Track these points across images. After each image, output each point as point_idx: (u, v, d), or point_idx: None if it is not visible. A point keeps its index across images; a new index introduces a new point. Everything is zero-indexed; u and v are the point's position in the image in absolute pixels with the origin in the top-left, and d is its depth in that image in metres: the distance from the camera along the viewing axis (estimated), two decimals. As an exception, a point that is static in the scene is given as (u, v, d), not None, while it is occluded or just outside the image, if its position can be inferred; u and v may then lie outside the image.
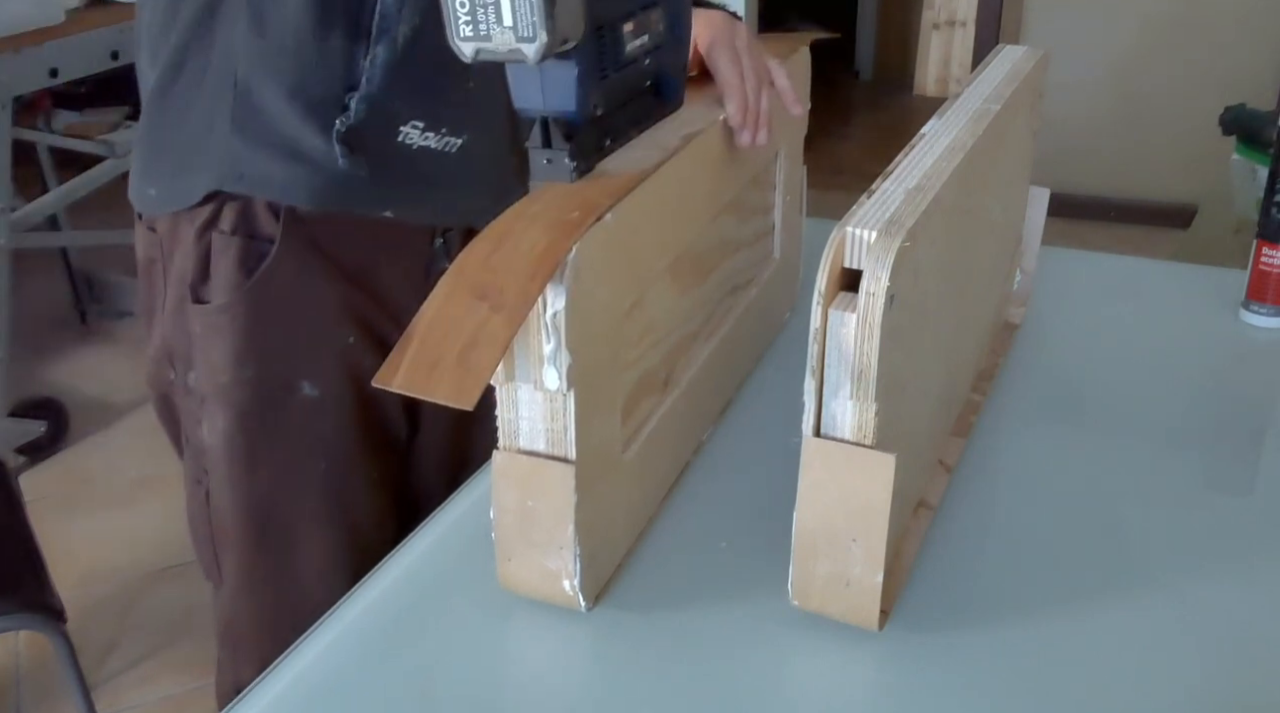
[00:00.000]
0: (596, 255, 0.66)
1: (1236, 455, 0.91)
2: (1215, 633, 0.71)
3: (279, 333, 0.93)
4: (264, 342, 0.92)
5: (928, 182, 0.70)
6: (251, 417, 0.94)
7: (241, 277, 0.90)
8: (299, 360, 0.94)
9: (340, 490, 0.98)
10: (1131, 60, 3.53)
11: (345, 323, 0.95)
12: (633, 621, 0.73)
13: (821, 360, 0.65)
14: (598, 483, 0.71)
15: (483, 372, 0.59)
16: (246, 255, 0.90)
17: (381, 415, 1.00)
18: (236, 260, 0.90)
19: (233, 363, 0.92)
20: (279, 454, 0.96)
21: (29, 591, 1.40)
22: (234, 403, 0.93)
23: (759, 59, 0.88)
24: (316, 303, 0.93)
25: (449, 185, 0.95)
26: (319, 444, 0.96)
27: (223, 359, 0.92)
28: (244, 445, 0.94)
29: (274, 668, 0.70)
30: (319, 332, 0.94)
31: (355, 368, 0.95)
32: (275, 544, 0.97)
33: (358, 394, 0.96)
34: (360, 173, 0.88)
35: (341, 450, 0.97)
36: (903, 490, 0.70)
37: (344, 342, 0.95)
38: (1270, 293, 1.07)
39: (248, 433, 0.94)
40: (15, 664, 1.89)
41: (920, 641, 0.70)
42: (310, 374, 0.94)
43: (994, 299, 1.00)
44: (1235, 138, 2.25)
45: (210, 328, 0.92)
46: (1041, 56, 1.00)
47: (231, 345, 0.92)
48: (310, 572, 0.98)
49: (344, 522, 0.98)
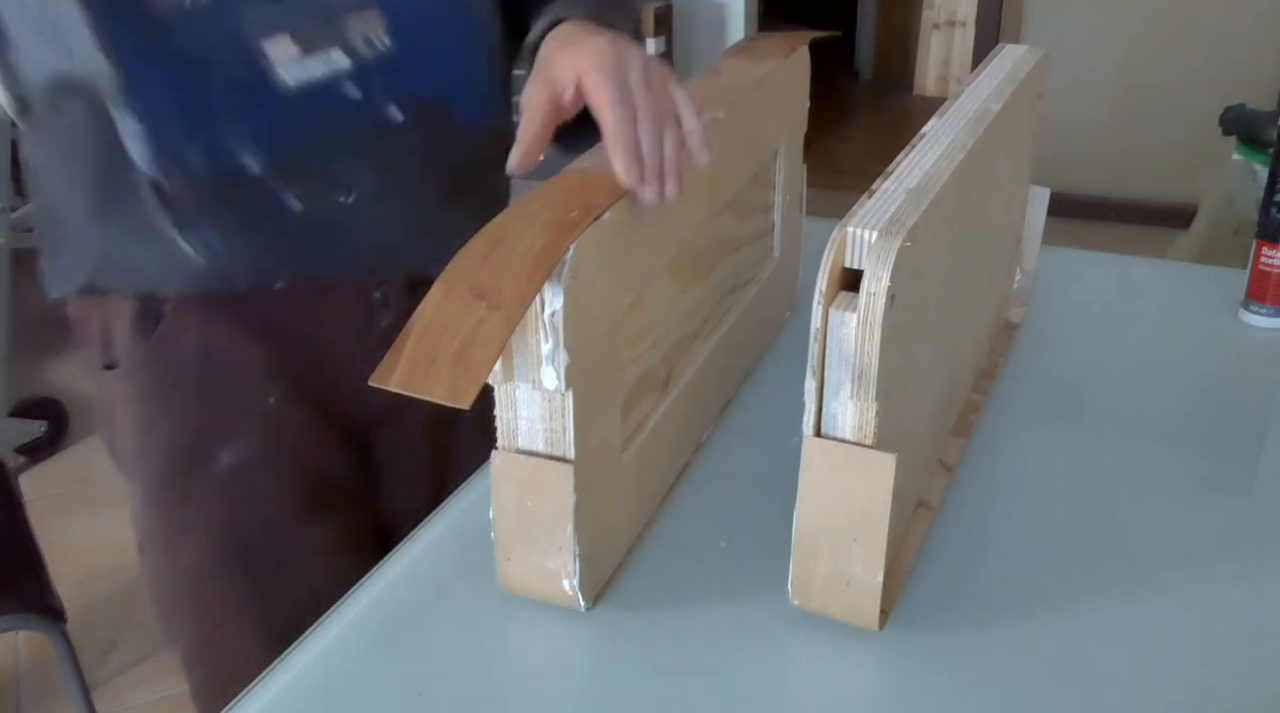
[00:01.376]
0: (595, 254, 0.65)
1: (1236, 455, 0.91)
2: (1215, 633, 0.71)
3: (185, 398, 0.85)
4: (169, 409, 0.85)
5: (928, 181, 0.70)
6: (166, 488, 0.87)
7: (138, 342, 0.84)
8: (213, 426, 0.86)
9: (281, 558, 0.90)
10: (1131, 60, 3.53)
11: (267, 383, 0.87)
12: (633, 621, 0.73)
13: (822, 360, 0.64)
14: (597, 483, 0.71)
15: (480, 371, 0.59)
16: (142, 317, 0.83)
17: (327, 468, 0.92)
18: (132, 325, 0.83)
19: (138, 432, 0.85)
20: (202, 526, 0.88)
21: (29, 591, 1.40)
22: (146, 475, 0.86)
23: (659, 95, 0.70)
24: (228, 365, 0.85)
25: (352, 240, 0.85)
26: (249, 513, 0.88)
27: (130, 428, 0.86)
28: (162, 519, 0.88)
29: (274, 668, 0.70)
30: (234, 395, 0.86)
31: (285, 429, 0.87)
32: (214, 622, 0.91)
33: (292, 454, 0.88)
34: (216, 249, 0.80)
35: (278, 515, 0.89)
36: (903, 490, 0.70)
37: (265, 403, 0.87)
38: (1270, 293, 1.07)
39: (164, 505, 0.87)
40: (15, 664, 1.89)
41: (920, 641, 0.70)
42: (228, 440, 0.86)
43: (994, 299, 1.00)
44: (1235, 138, 2.25)
45: (116, 395, 0.86)
46: (1042, 56, 1.00)
47: (136, 414, 0.85)
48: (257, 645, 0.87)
49: (288, 592, 0.88)
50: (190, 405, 0.86)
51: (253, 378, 0.86)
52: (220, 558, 0.88)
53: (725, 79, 0.90)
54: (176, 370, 0.84)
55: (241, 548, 0.89)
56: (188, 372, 0.85)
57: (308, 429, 0.89)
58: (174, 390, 0.85)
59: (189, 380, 0.85)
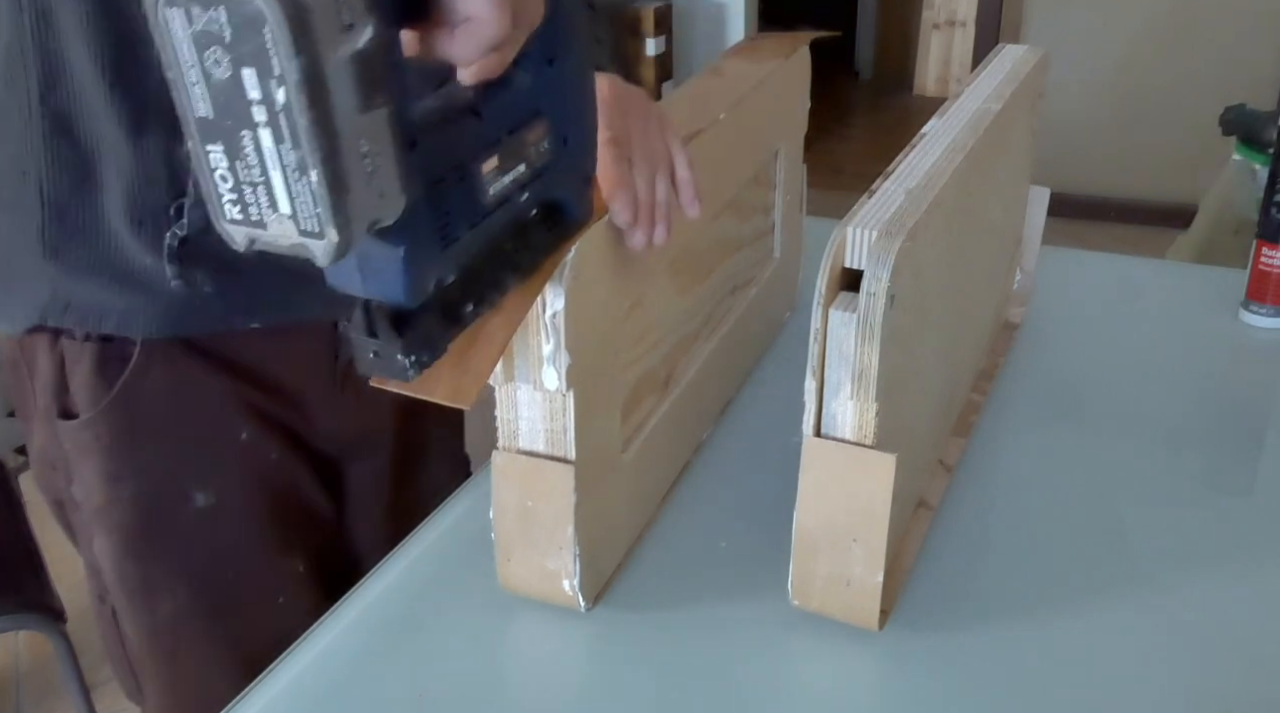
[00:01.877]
0: (596, 255, 0.65)
1: (1236, 455, 0.91)
2: (1215, 633, 0.71)
3: (156, 443, 0.81)
4: (139, 456, 0.81)
5: (928, 181, 0.70)
6: (138, 538, 0.82)
7: (102, 388, 0.78)
8: (185, 470, 0.82)
9: (259, 595, 0.87)
10: (1131, 60, 3.53)
11: (237, 420, 0.83)
12: (633, 621, 0.73)
13: (822, 361, 0.64)
14: (597, 483, 0.71)
15: (481, 372, 0.59)
16: (104, 363, 0.78)
17: (299, 503, 0.89)
18: (94, 369, 0.78)
19: (107, 483, 0.81)
20: (178, 574, 0.84)
21: (29, 591, 1.40)
22: (116, 526, 0.82)
23: (655, 139, 0.70)
24: (198, 405, 0.81)
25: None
26: (225, 554, 0.85)
27: (96, 479, 0.81)
28: (136, 571, 0.83)
29: (273, 668, 0.70)
30: (205, 435, 0.82)
31: (257, 464, 0.84)
32: (192, 668, 0.87)
33: (264, 490, 0.86)
34: (206, 289, 0.75)
35: (254, 553, 0.86)
36: (903, 491, 0.70)
37: (236, 439, 0.83)
38: (1270, 293, 1.07)
39: (137, 556, 0.83)
40: (15, 664, 1.89)
41: (920, 641, 0.70)
42: (201, 482, 0.83)
43: (994, 299, 1.00)
44: (1235, 138, 2.25)
45: (78, 446, 0.80)
46: (1042, 56, 1.00)
47: (102, 465, 0.80)
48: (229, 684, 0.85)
49: (259, 628, 0.85)
50: (162, 450, 0.81)
51: (223, 416, 0.82)
52: (196, 602, 0.85)
53: (725, 79, 0.90)
54: (145, 416, 0.80)
55: (217, 589, 0.86)
56: (157, 416, 0.80)
57: (279, 465, 0.87)
58: (143, 437, 0.80)
59: (159, 426, 0.81)
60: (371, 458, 0.94)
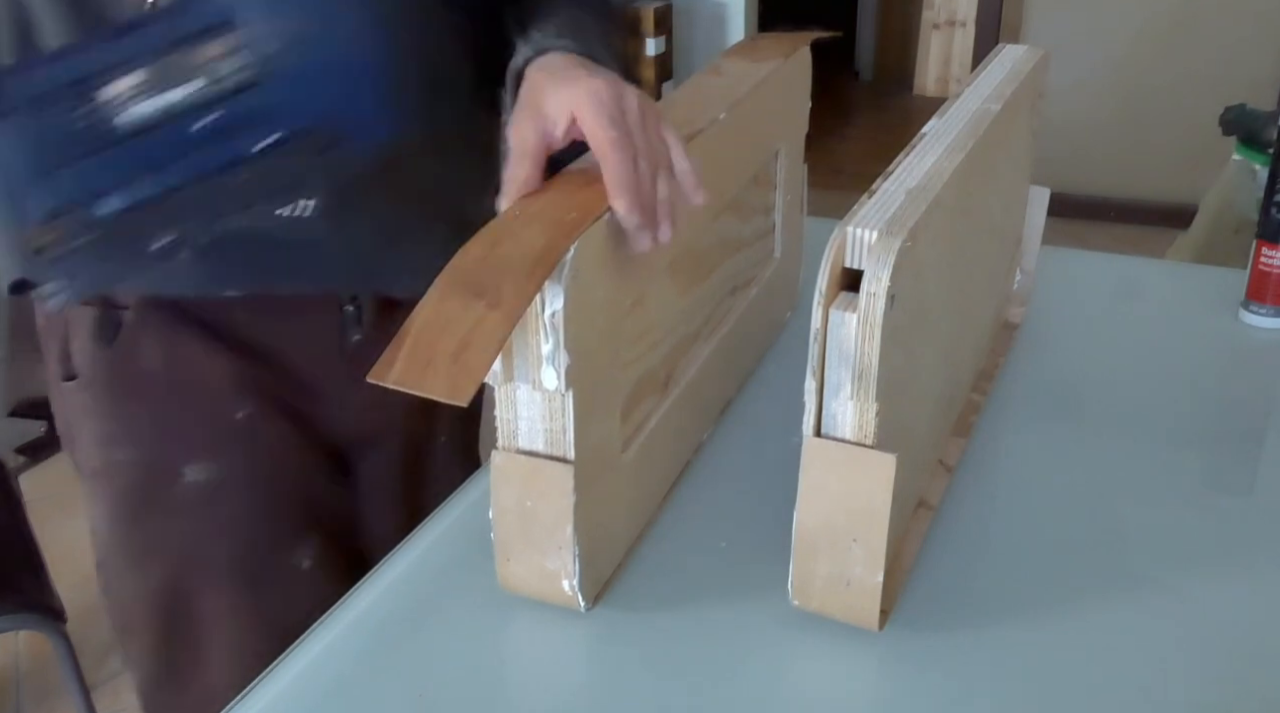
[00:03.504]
0: (595, 255, 0.65)
1: (1236, 455, 0.91)
2: (1215, 633, 0.71)
3: (152, 411, 0.82)
4: (135, 422, 0.82)
5: (928, 181, 0.70)
6: (132, 505, 0.83)
7: (97, 349, 0.80)
8: (179, 440, 0.83)
9: (258, 575, 0.87)
10: (1131, 60, 3.54)
11: (237, 396, 0.83)
12: (633, 621, 0.73)
13: (822, 361, 0.64)
14: (597, 483, 0.71)
15: (478, 369, 0.59)
16: (101, 326, 0.80)
17: (308, 488, 0.89)
18: (91, 332, 0.80)
19: (102, 446, 0.82)
20: (171, 545, 0.85)
21: (29, 591, 1.40)
22: (110, 491, 0.83)
23: (654, 135, 0.70)
24: (195, 376, 0.82)
25: (313, 253, 0.80)
26: (222, 529, 0.85)
27: (92, 442, 0.82)
28: (128, 536, 0.84)
29: (273, 668, 0.70)
30: (201, 409, 0.83)
31: (259, 442, 0.84)
32: (182, 642, 0.87)
33: (266, 469, 0.85)
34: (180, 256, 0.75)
35: (253, 533, 0.86)
36: (903, 491, 0.70)
37: (233, 418, 0.83)
38: (1270, 293, 1.07)
39: (130, 523, 0.84)
40: (15, 664, 1.89)
41: (920, 641, 0.70)
42: (198, 456, 0.83)
43: (994, 299, 1.00)
44: (1235, 138, 2.25)
45: (76, 407, 0.82)
46: (1042, 56, 1.00)
47: (98, 427, 0.82)
48: (225, 667, 0.87)
49: (267, 609, 0.85)
50: (154, 420, 0.82)
51: (219, 392, 0.83)
52: (186, 579, 0.85)
53: (726, 79, 0.90)
54: (139, 382, 0.81)
55: (211, 569, 0.85)
56: (150, 384, 0.81)
57: (283, 448, 0.87)
58: (137, 404, 0.82)
59: (152, 393, 0.82)
60: (381, 449, 0.94)
